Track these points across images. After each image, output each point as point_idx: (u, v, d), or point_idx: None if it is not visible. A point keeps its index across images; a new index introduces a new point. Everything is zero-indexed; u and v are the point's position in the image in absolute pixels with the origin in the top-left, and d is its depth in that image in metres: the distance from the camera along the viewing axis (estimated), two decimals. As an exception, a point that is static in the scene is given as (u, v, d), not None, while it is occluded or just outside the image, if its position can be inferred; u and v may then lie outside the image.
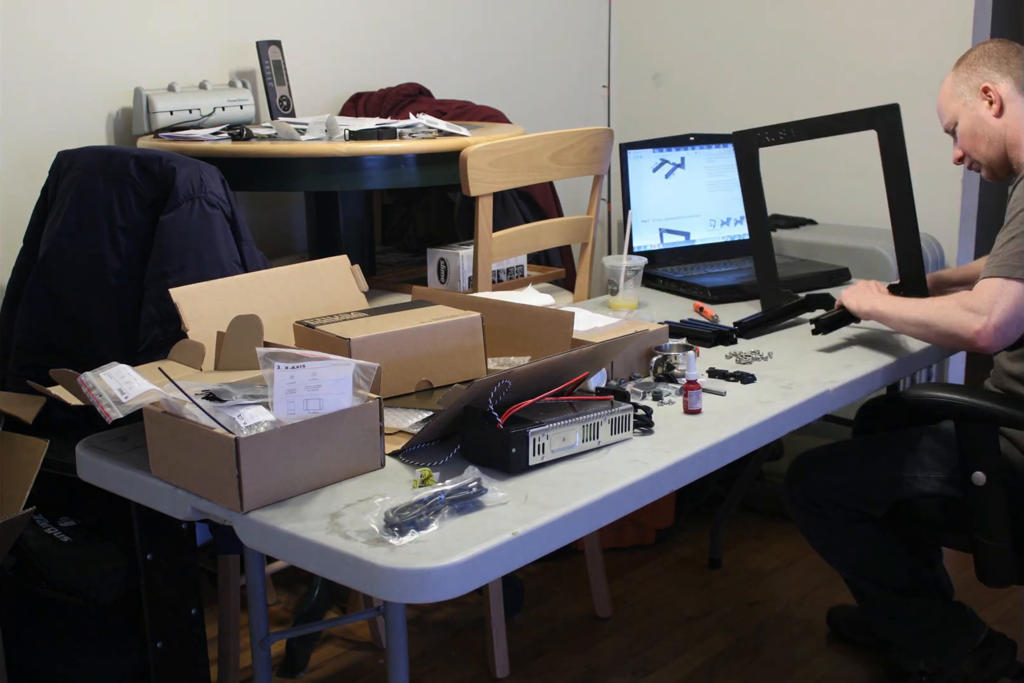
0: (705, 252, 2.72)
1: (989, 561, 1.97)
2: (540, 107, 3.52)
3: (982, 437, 1.91)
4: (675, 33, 3.65)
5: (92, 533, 2.09)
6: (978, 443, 1.92)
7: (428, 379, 1.74)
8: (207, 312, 1.77)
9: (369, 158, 2.33)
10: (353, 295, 1.95)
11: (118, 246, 2.07)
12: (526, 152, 2.34)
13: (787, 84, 3.42)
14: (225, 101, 2.59)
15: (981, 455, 1.92)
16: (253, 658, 1.94)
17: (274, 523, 1.37)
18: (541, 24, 3.54)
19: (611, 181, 3.22)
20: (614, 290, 2.32)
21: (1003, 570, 1.98)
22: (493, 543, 1.31)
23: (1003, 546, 1.94)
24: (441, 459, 1.54)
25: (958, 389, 1.97)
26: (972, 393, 1.92)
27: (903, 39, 3.18)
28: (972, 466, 1.92)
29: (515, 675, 2.43)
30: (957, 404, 1.90)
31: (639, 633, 2.60)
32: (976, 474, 1.91)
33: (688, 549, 3.00)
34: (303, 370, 1.43)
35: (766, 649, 2.53)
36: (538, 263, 2.86)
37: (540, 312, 1.85)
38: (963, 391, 1.94)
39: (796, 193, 3.31)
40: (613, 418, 1.59)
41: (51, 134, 2.44)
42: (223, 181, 2.08)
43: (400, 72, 3.10)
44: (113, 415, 1.46)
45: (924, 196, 3.21)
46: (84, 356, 2.10)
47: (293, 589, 2.76)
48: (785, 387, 1.86)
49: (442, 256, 2.54)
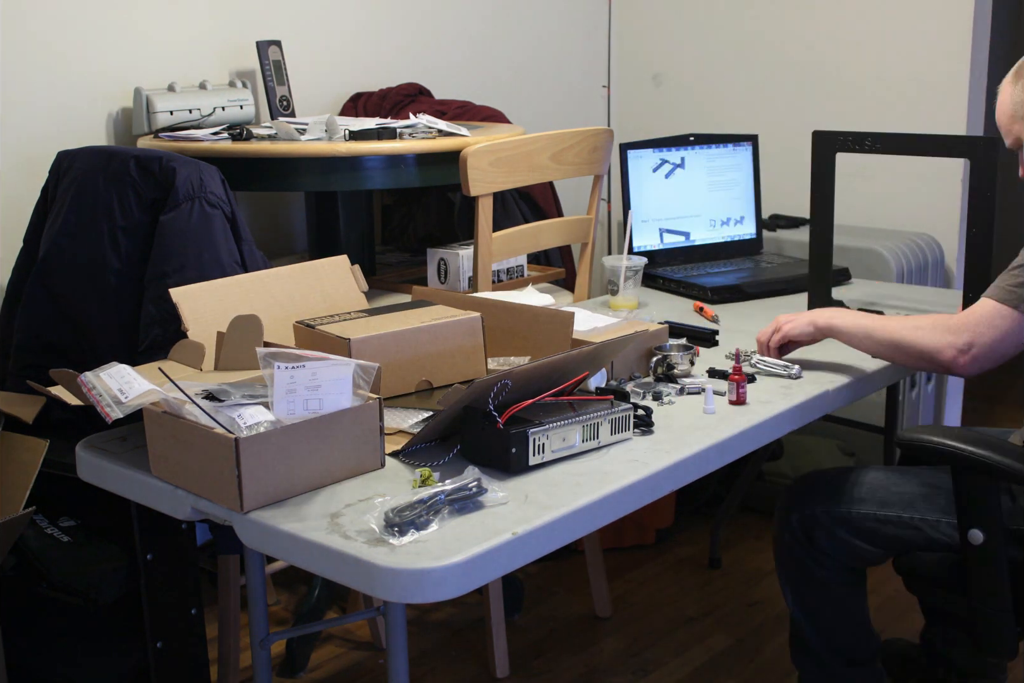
0: (705, 252, 2.72)
1: (986, 628, 1.73)
2: (540, 107, 3.52)
3: (982, 492, 1.68)
4: (675, 33, 3.65)
5: (92, 533, 2.09)
6: (977, 498, 1.68)
7: (428, 379, 1.74)
8: (207, 312, 1.77)
9: (369, 158, 2.33)
10: (353, 295, 1.95)
11: (118, 246, 2.07)
12: (526, 152, 2.34)
13: (787, 84, 3.42)
14: (225, 101, 2.59)
15: (980, 511, 1.68)
16: (253, 658, 1.94)
17: (274, 523, 1.37)
18: (541, 24, 3.54)
19: (611, 181, 3.22)
20: (614, 290, 2.33)
21: (1001, 639, 1.73)
22: (493, 543, 1.31)
23: (1001, 613, 1.71)
24: (441, 459, 1.54)
25: (959, 435, 1.69)
26: (976, 441, 1.66)
27: (904, 39, 3.18)
28: (969, 522, 1.69)
29: (515, 675, 2.43)
30: (957, 454, 1.66)
31: (639, 633, 2.60)
32: (972, 532, 1.68)
33: (688, 549, 3.00)
34: (303, 370, 1.43)
35: (766, 649, 2.53)
36: (538, 263, 2.86)
37: (540, 312, 1.85)
38: (966, 439, 1.67)
39: (796, 193, 3.30)
40: (613, 418, 1.59)
41: (51, 134, 2.44)
42: (223, 181, 2.08)
43: (400, 72, 3.10)
44: (113, 415, 1.46)
45: (924, 196, 3.23)
46: (84, 356, 2.10)
47: (293, 589, 2.76)
48: (785, 387, 1.86)
49: (442, 256, 2.54)
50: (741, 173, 2.75)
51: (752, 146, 2.76)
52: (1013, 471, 1.63)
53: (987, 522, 1.68)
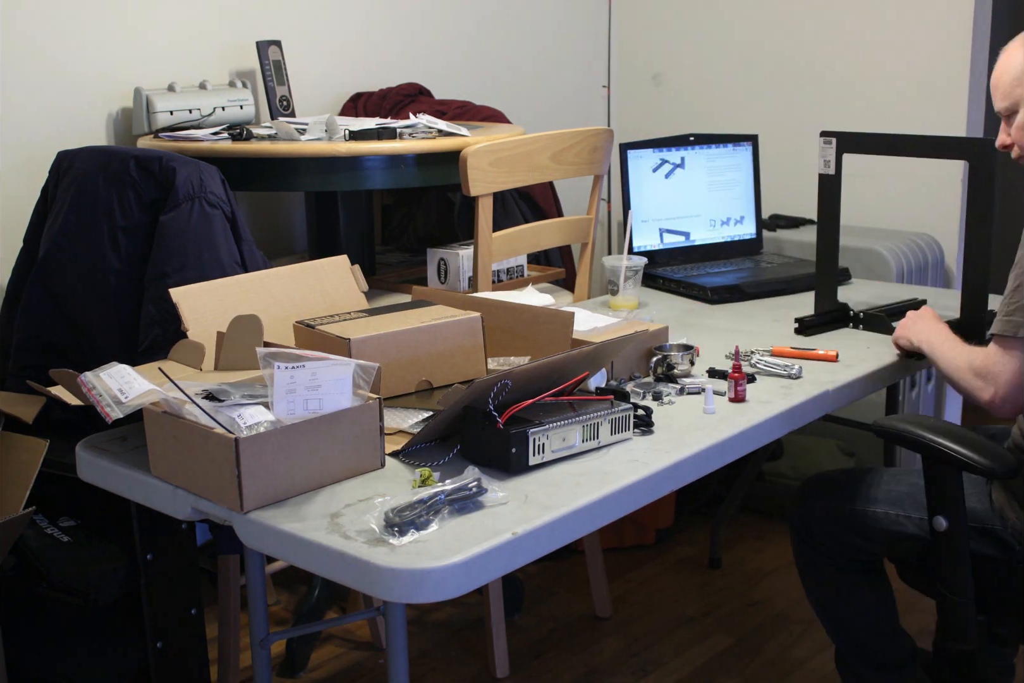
0: (705, 252, 2.72)
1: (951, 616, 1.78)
2: (540, 107, 3.52)
3: (944, 480, 1.73)
4: (675, 33, 3.65)
5: (92, 533, 2.09)
6: (940, 486, 1.74)
7: (428, 379, 1.74)
8: (207, 312, 1.77)
9: (369, 158, 2.33)
10: (353, 295, 1.95)
11: (118, 246, 2.07)
12: (526, 152, 2.34)
13: (787, 84, 3.43)
14: (225, 101, 2.59)
15: (943, 499, 1.74)
16: (253, 658, 1.93)
17: (274, 523, 1.37)
18: (541, 24, 3.54)
19: (611, 181, 3.22)
20: (614, 290, 2.32)
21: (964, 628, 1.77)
22: (493, 543, 1.31)
23: (963, 601, 1.75)
24: (441, 459, 1.54)
25: (930, 425, 1.75)
26: (942, 432, 1.72)
27: (904, 40, 3.18)
28: (934, 510, 1.75)
29: (515, 675, 2.43)
30: (919, 442, 1.73)
31: (639, 633, 2.60)
32: (937, 518, 1.74)
33: (688, 549, 3.00)
34: (303, 370, 1.43)
35: (766, 649, 2.53)
36: (538, 263, 2.86)
37: (540, 312, 1.85)
38: (934, 429, 1.73)
39: (796, 193, 3.30)
40: (613, 418, 1.59)
41: (51, 134, 2.44)
42: (223, 181, 2.08)
43: (400, 72, 3.10)
44: (113, 415, 1.46)
45: (924, 196, 3.23)
46: (84, 356, 2.10)
47: (293, 589, 2.76)
48: (785, 387, 1.86)
49: (442, 256, 2.54)
50: (741, 173, 2.75)
51: (752, 146, 2.76)
52: (973, 462, 1.67)
53: (950, 510, 1.73)
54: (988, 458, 1.67)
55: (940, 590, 1.78)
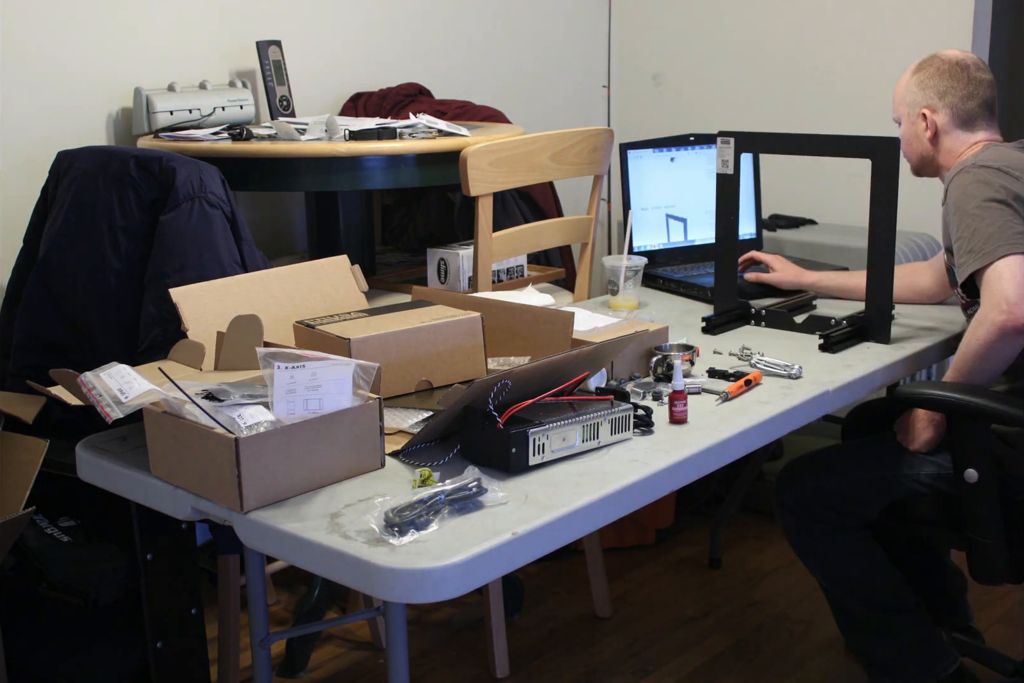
0: (705, 252, 2.71)
1: (981, 558, 1.98)
2: (540, 107, 3.52)
3: (974, 434, 1.91)
4: (675, 33, 3.65)
5: (92, 533, 2.09)
6: (970, 440, 1.92)
7: (428, 379, 1.74)
8: (207, 312, 1.77)
9: (369, 158, 2.33)
10: (353, 295, 1.95)
11: (118, 246, 2.07)
12: (526, 152, 2.34)
13: (787, 84, 3.42)
14: (225, 101, 2.59)
15: (973, 452, 1.92)
16: (253, 658, 1.94)
17: (274, 523, 1.37)
18: (541, 24, 3.54)
19: (611, 181, 3.22)
20: (614, 290, 2.32)
21: (995, 568, 1.98)
22: (493, 543, 1.31)
23: (995, 543, 1.95)
24: (441, 459, 1.54)
25: (950, 386, 1.94)
26: (964, 390, 1.91)
27: (903, 40, 3.18)
28: (964, 463, 1.92)
29: (515, 675, 2.43)
30: (948, 401, 1.91)
31: (639, 633, 2.60)
32: (968, 471, 1.91)
33: (688, 549, 3.00)
34: (303, 370, 1.44)
35: (766, 649, 2.53)
36: (538, 263, 2.86)
37: (540, 312, 1.85)
38: (955, 388, 1.92)
39: (796, 193, 3.31)
40: (613, 418, 1.59)
41: (51, 134, 2.44)
42: (223, 181, 2.08)
43: (400, 72, 3.10)
44: (113, 415, 1.46)
45: (923, 196, 3.22)
46: (84, 356, 2.10)
47: (293, 589, 2.76)
48: (785, 387, 1.86)
49: (442, 256, 2.54)
50: (741, 173, 2.74)
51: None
52: (999, 412, 1.88)
53: (980, 462, 1.91)
54: (1018, 407, 1.87)
55: (970, 536, 1.96)
